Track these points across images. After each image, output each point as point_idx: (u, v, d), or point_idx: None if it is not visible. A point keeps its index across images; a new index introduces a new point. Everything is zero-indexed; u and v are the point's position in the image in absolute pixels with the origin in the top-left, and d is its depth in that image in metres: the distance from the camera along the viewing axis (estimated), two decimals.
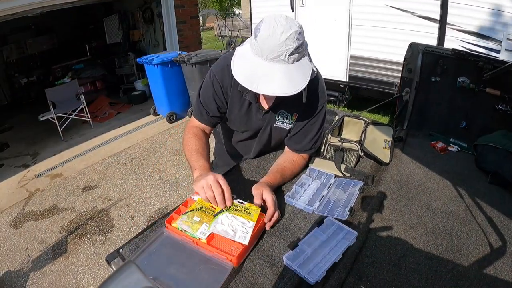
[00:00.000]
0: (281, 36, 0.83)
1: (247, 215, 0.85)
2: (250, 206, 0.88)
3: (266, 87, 0.87)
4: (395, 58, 3.54)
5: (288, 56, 0.86)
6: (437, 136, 1.60)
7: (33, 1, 3.65)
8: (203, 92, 1.15)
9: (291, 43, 0.85)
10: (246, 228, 0.81)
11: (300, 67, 0.91)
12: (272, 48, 0.85)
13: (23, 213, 2.84)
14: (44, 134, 4.60)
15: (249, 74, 0.89)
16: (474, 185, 1.13)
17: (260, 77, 0.87)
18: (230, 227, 0.82)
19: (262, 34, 0.85)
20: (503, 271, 0.77)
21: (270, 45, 0.85)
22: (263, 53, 0.87)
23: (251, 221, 0.82)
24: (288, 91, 0.87)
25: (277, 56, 0.86)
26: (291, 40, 0.84)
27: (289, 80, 0.88)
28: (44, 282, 2.08)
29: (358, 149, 1.25)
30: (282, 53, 0.85)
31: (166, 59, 4.10)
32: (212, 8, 22.02)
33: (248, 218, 0.84)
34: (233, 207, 0.88)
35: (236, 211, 0.87)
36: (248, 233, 0.79)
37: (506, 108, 1.56)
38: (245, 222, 0.82)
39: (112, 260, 0.82)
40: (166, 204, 2.83)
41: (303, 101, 1.03)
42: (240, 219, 0.83)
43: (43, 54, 6.90)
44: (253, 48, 0.90)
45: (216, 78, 1.10)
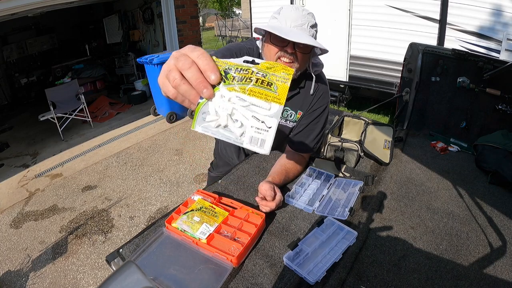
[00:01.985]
0: (303, 11, 0.97)
1: (265, 89, 0.41)
2: (273, 66, 0.43)
3: (296, 37, 0.91)
4: (395, 58, 3.54)
5: (309, 28, 0.96)
6: (437, 136, 1.60)
7: (33, 1, 3.64)
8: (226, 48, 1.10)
9: (312, 19, 0.97)
10: (264, 118, 0.40)
11: (316, 40, 0.98)
12: (296, 17, 0.95)
13: (23, 213, 2.84)
14: (44, 134, 4.60)
15: (278, 29, 0.94)
16: (474, 185, 1.13)
17: (287, 32, 0.93)
18: (231, 120, 0.41)
19: (286, 10, 0.97)
20: (503, 271, 0.77)
21: (294, 15, 0.95)
22: (287, 21, 0.95)
23: (275, 103, 0.40)
24: (315, 44, 0.92)
25: (300, 24, 0.95)
26: (311, 16, 0.98)
27: (314, 40, 0.94)
28: (44, 282, 2.08)
29: (358, 149, 1.25)
30: (304, 22, 0.96)
31: (166, 59, 4.08)
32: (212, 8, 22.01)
33: (267, 97, 0.41)
34: (235, 73, 0.43)
35: (243, 81, 0.42)
36: (270, 131, 0.40)
37: (506, 108, 1.56)
38: (262, 105, 0.40)
39: (112, 260, 0.82)
40: (166, 204, 2.83)
41: (310, 93, 1.06)
42: (251, 100, 0.41)
43: (43, 54, 6.89)
44: (278, 20, 0.98)
45: (246, 49, 1.09)
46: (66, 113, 4.41)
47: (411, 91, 1.96)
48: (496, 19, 3.00)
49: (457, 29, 3.24)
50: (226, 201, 0.99)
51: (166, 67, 0.43)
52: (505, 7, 2.93)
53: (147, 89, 5.55)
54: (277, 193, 0.96)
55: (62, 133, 4.33)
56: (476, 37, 3.15)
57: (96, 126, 4.72)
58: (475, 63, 1.68)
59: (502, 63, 1.58)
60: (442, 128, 1.80)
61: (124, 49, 6.31)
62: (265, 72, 0.42)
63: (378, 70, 3.89)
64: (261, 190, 0.94)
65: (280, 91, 0.40)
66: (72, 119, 4.46)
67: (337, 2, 3.94)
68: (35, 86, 6.42)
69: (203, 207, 0.93)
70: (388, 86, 3.79)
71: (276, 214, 0.98)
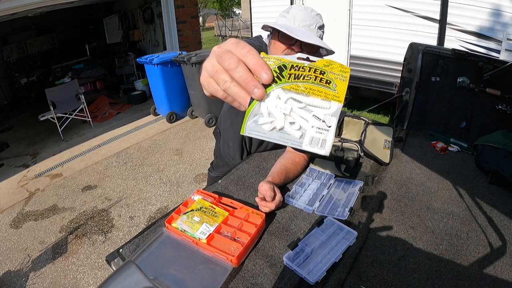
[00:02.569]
0: (312, 12, 0.99)
1: (324, 87, 0.39)
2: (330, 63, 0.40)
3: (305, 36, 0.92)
4: (395, 58, 3.54)
5: (317, 29, 0.98)
6: (437, 136, 1.60)
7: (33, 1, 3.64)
8: None
9: (320, 20, 0.99)
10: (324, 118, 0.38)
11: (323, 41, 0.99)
12: (305, 17, 0.97)
13: (23, 213, 2.84)
14: (44, 134, 4.60)
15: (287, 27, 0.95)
16: (474, 185, 1.13)
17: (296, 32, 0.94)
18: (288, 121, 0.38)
19: (295, 10, 0.99)
20: (503, 271, 0.77)
21: (302, 15, 0.97)
22: (295, 21, 0.97)
23: (335, 102, 0.38)
24: (323, 44, 0.94)
25: (308, 24, 0.97)
26: (320, 17, 1.00)
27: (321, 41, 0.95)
28: (44, 282, 2.08)
29: (358, 149, 1.25)
30: (313, 23, 0.98)
31: (166, 59, 4.10)
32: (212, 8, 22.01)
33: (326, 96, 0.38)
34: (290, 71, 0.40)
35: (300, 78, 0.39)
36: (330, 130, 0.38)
37: (506, 108, 1.56)
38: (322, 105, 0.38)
39: (112, 260, 0.82)
40: (166, 204, 2.83)
41: None
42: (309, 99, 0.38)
43: (43, 54, 6.89)
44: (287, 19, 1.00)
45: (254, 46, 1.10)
46: (66, 113, 4.41)
47: (411, 91, 1.96)
48: (496, 19, 3.00)
49: (457, 29, 3.24)
50: (226, 201, 0.99)
51: (210, 67, 0.39)
52: (505, 7, 2.93)
53: (147, 89, 5.55)
54: (276, 193, 0.96)
55: (62, 133, 4.33)
56: (476, 37, 3.15)
57: (96, 126, 4.72)
58: (475, 63, 1.68)
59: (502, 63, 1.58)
60: (442, 128, 1.80)
61: (124, 49, 6.31)
62: (323, 70, 0.39)
63: (378, 70, 3.89)
64: (261, 190, 0.95)
65: (339, 89, 0.38)
66: (72, 119, 4.46)
67: (337, 2, 3.94)
68: (35, 86, 6.42)
69: (203, 207, 0.93)
70: (388, 86, 3.79)
71: (276, 214, 0.98)
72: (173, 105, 4.52)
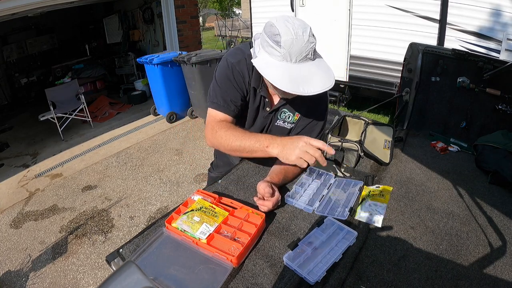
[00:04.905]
0: (304, 36, 0.87)
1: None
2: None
3: (312, 87, 0.88)
4: (395, 58, 3.54)
5: (312, 54, 0.90)
6: (437, 136, 1.60)
7: (33, 1, 3.64)
8: (223, 81, 1.09)
9: (313, 40, 0.89)
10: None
11: (320, 61, 0.94)
12: (300, 50, 0.87)
13: (23, 213, 2.84)
14: (44, 134, 4.60)
15: (290, 80, 0.88)
16: (474, 185, 1.13)
17: (300, 80, 0.88)
18: None
19: (286, 39, 0.86)
20: (503, 271, 0.77)
21: (297, 47, 0.87)
22: (291, 57, 0.88)
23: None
24: (329, 84, 0.89)
25: (305, 56, 0.89)
26: (312, 36, 0.89)
27: (324, 73, 0.91)
28: (44, 282, 2.08)
29: (358, 149, 1.25)
30: (308, 52, 0.89)
31: (166, 59, 4.10)
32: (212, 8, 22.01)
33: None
34: None
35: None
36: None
37: (506, 108, 1.56)
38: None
39: (112, 260, 0.82)
40: (166, 204, 2.83)
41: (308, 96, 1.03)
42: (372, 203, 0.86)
43: (43, 54, 6.89)
44: (276, 55, 0.90)
45: (236, 69, 1.07)
46: (66, 113, 4.41)
47: (411, 91, 1.96)
48: (496, 19, 3.00)
49: (457, 29, 3.24)
50: (226, 201, 0.99)
51: None
52: (505, 7, 2.93)
53: (147, 89, 5.55)
54: (274, 192, 0.96)
55: (62, 133, 4.33)
56: (476, 37, 3.15)
57: (96, 126, 4.72)
58: (475, 63, 1.68)
59: (502, 63, 1.58)
60: (442, 128, 1.80)
61: (124, 49, 6.31)
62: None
63: (378, 70, 3.89)
64: (259, 189, 0.95)
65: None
66: (72, 119, 4.46)
67: (337, 2, 3.94)
68: (35, 86, 6.42)
69: (203, 207, 0.93)
70: (388, 86, 3.79)
71: (276, 214, 0.98)
72: (173, 105, 4.52)
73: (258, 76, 1.07)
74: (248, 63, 1.06)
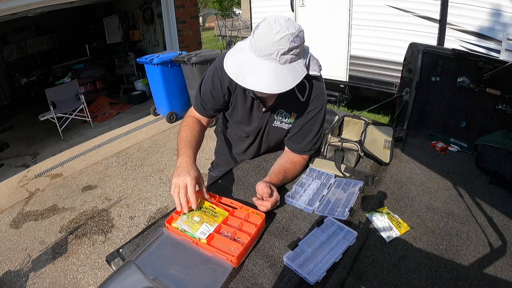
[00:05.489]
0: (276, 36, 0.84)
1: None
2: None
3: (252, 82, 0.87)
4: (395, 58, 3.53)
5: (279, 56, 0.86)
6: (437, 136, 1.60)
7: (33, 1, 3.64)
8: (204, 84, 1.16)
9: (285, 44, 0.85)
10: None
11: (291, 69, 0.90)
12: (265, 45, 0.86)
13: (23, 213, 2.84)
14: (44, 134, 4.60)
15: (238, 68, 0.90)
16: (474, 185, 1.13)
17: (247, 71, 0.88)
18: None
19: (259, 31, 0.87)
20: (503, 271, 0.77)
21: (263, 42, 0.86)
22: (256, 49, 0.88)
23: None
24: (270, 89, 0.87)
25: (268, 54, 0.86)
26: (285, 41, 0.84)
27: (276, 79, 0.87)
28: (44, 282, 2.08)
29: (358, 149, 1.25)
30: (273, 52, 0.86)
31: (166, 59, 4.10)
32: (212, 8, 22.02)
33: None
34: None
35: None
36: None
37: (506, 108, 1.56)
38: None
39: (112, 260, 0.82)
40: (166, 204, 2.83)
41: (301, 100, 1.03)
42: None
43: (43, 54, 6.90)
44: (248, 43, 0.93)
45: (218, 73, 1.09)
46: (66, 113, 4.41)
47: (411, 91, 1.96)
48: (496, 19, 3.00)
49: (457, 29, 3.23)
50: (226, 201, 0.99)
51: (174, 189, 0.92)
52: (505, 7, 2.93)
53: (147, 89, 5.55)
54: (273, 192, 0.95)
55: (62, 133, 4.33)
56: (476, 37, 3.15)
57: (96, 126, 4.72)
58: (475, 63, 1.68)
59: (502, 63, 1.58)
60: (442, 128, 1.80)
61: (124, 49, 6.32)
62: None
63: (378, 70, 3.88)
64: (258, 190, 0.95)
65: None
66: (72, 119, 4.46)
67: (337, 2, 3.94)
68: (35, 86, 6.42)
69: (203, 207, 0.93)
70: (388, 86, 3.79)
71: (276, 214, 0.98)
72: (173, 105, 4.52)
73: None
74: None
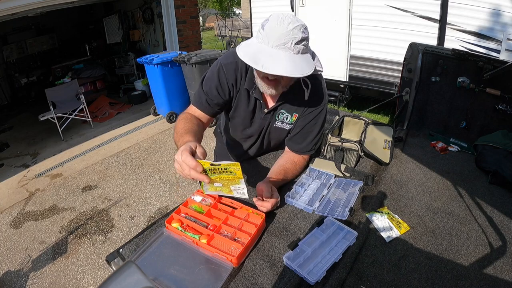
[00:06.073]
0: (289, 26, 0.86)
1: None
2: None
3: (272, 67, 0.87)
4: (395, 58, 3.53)
5: (293, 45, 0.88)
6: (437, 136, 1.60)
7: (33, 1, 3.64)
8: (207, 81, 1.12)
9: (297, 34, 0.87)
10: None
11: (304, 59, 0.91)
12: (279, 35, 0.86)
13: (23, 213, 2.84)
14: (44, 134, 4.60)
15: (253, 56, 0.89)
16: (474, 185, 1.13)
17: (264, 59, 0.88)
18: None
19: (270, 24, 0.88)
20: (503, 271, 0.77)
21: (277, 32, 0.87)
22: (269, 40, 0.88)
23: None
24: (291, 73, 0.87)
25: (283, 43, 0.87)
26: (298, 30, 0.87)
27: (294, 65, 0.88)
28: (44, 282, 2.08)
29: (358, 149, 1.25)
30: (288, 40, 0.87)
31: (166, 59, 4.10)
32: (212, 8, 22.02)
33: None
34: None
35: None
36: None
37: (506, 108, 1.56)
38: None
39: (112, 260, 0.82)
40: (166, 204, 2.83)
41: (305, 98, 1.04)
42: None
43: (43, 54, 6.89)
44: (258, 38, 0.92)
45: (223, 70, 1.09)
46: (66, 113, 4.41)
47: (411, 91, 1.96)
48: (496, 19, 3.00)
49: (457, 29, 3.23)
50: (226, 201, 0.99)
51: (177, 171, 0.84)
52: (505, 7, 2.93)
53: (147, 89, 5.55)
54: (273, 192, 0.95)
55: (62, 133, 4.33)
56: (476, 37, 3.15)
57: (96, 126, 4.72)
58: (475, 63, 1.68)
59: (502, 63, 1.58)
60: (442, 128, 1.80)
61: (124, 49, 6.31)
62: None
63: (378, 70, 3.88)
64: (258, 190, 0.95)
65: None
66: (72, 119, 4.46)
67: (337, 2, 3.94)
68: (35, 86, 6.42)
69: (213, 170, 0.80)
70: (388, 86, 3.79)
71: (276, 214, 0.98)
72: (173, 105, 4.51)
73: (251, 78, 1.08)
74: (240, 66, 1.07)
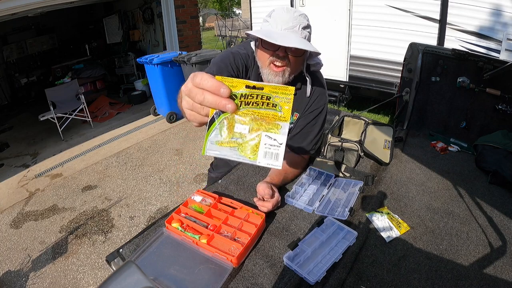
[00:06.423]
0: (295, 13, 0.94)
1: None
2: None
3: (286, 41, 0.89)
4: (395, 58, 3.53)
5: (301, 29, 0.94)
6: (437, 136, 1.60)
7: (33, 1, 3.64)
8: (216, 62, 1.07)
9: (303, 20, 0.95)
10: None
11: (310, 43, 0.96)
12: (287, 19, 0.93)
13: (23, 213, 2.84)
14: (44, 134, 4.60)
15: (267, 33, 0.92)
16: (474, 185, 1.13)
17: (276, 36, 0.90)
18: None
19: (278, 12, 0.95)
20: (503, 271, 0.77)
21: (285, 17, 0.93)
22: (277, 24, 0.93)
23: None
24: (304, 47, 0.90)
25: (291, 26, 0.93)
26: (303, 18, 0.95)
27: (304, 43, 0.92)
28: (44, 282, 2.08)
29: (358, 149, 1.25)
30: (296, 24, 0.93)
31: (166, 59, 4.10)
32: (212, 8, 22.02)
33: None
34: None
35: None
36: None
37: (506, 108, 1.56)
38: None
39: (112, 260, 0.82)
40: (166, 204, 2.83)
41: (307, 95, 1.04)
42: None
43: (43, 54, 6.89)
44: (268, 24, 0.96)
45: (239, 55, 1.08)
46: (66, 113, 4.41)
47: (411, 91, 1.96)
48: (496, 19, 3.00)
49: (457, 29, 3.23)
50: (226, 201, 0.99)
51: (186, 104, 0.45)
52: (505, 7, 2.93)
53: (147, 89, 5.55)
54: (274, 193, 0.96)
55: (62, 133, 4.33)
56: (476, 37, 3.15)
57: (96, 126, 4.72)
58: (475, 63, 1.68)
59: (502, 63, 1.58)
60: (442, 128, 1.80)
61: (124, 49, 6.31)
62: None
63: (378, 70, 3.88)
64: (259, 190, 0.95)
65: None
66: (72, 119, 4.46)
67: (337, 2, 3.94)
68: (35, 86, 6.42)
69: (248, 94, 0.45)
70: (388, 86, 3.79)
71: (276, 214, 0.98)
72: (173, 105, 4.51)
73: (257, 73, 1.08)
74: (250, 59, 1.10)
